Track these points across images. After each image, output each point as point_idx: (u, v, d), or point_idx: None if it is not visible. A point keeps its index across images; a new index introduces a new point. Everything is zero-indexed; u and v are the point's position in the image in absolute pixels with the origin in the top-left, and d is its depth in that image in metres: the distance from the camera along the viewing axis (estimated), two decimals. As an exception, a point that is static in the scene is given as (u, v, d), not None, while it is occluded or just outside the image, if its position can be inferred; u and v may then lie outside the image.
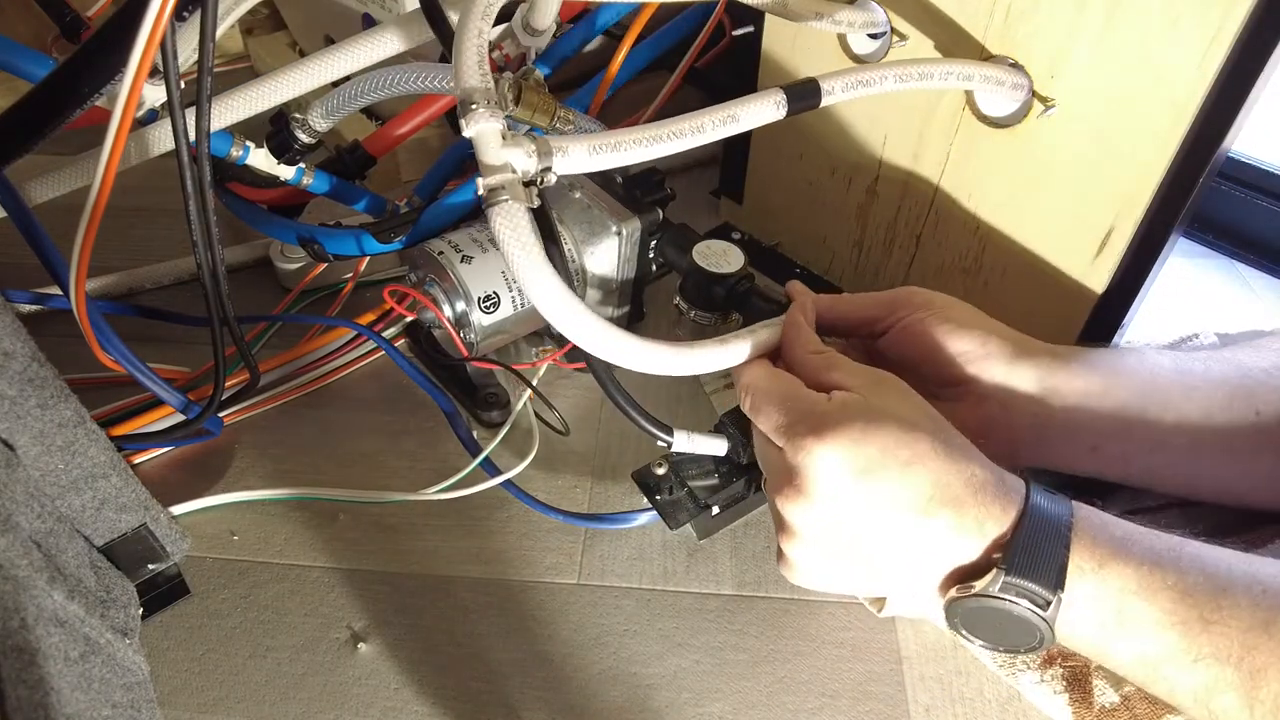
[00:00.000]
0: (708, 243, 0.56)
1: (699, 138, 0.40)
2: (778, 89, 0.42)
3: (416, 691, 0.45)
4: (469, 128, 0.35)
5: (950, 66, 0.46)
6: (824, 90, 0.43)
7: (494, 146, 0.36)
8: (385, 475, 0.56)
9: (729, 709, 0.45)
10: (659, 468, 0.49)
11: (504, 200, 0.35)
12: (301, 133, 0.56)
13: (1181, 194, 0.45)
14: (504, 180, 0.35)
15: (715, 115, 0.41)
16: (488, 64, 0.36)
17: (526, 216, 0.35)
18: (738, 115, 0.41)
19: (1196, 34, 0.41)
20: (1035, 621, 0.34)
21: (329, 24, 0.84)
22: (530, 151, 0.36)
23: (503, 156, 0.35)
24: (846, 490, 0.35)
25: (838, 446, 0.35)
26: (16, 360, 0.39)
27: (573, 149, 0.37)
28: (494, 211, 0.35)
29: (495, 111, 0.35)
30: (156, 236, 0.74)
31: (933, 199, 0.57)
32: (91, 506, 0.45)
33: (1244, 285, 0.71)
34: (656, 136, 0.39)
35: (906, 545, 0.36)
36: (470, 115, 0.35)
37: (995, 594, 0.34)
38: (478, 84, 0.35)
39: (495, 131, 0.36)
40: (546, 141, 0.37)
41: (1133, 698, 0.40)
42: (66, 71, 0.42)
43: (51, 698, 0.34)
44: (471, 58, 0.36)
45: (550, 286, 0.36)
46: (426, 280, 0.56)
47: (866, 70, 0.45)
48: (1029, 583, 0.33)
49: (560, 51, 0.64)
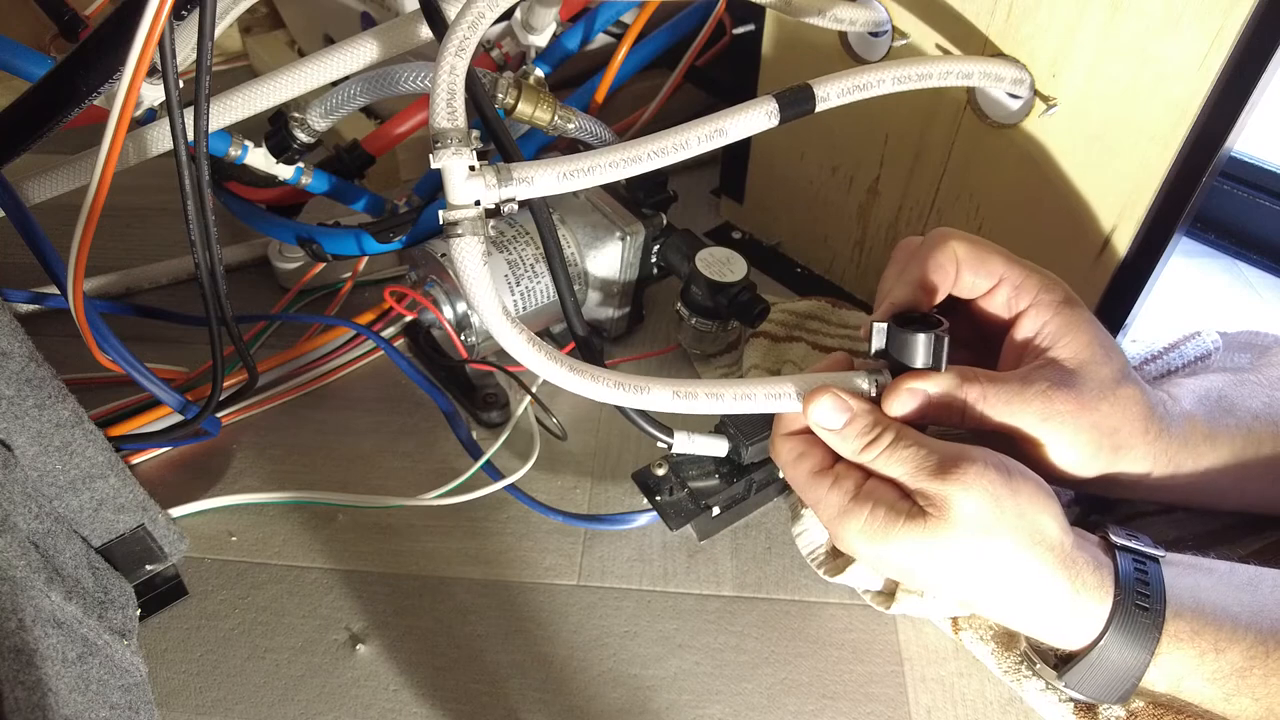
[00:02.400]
0: (711, 250, 0.56)
1: (683, 153, 0.39)
2: (769, 96, 0.41)
3: (415, 693, 0.45)
4: (436, 161, 0.37)
5: (950, 65, 0.46)
6: (818, 96, 0.42)
7: (459, 182, 0.37)
8: (384, 475, 0.56)
9: (729, 711, 0.44)
10: (659, 468, 0.49)
11: (459, 235, 0.38)
12: (300, 132, 0.56)
13: (1184, 194, 0.45)
14: (461, 216, 0.38)
15: (701, 130, 0.39)
16: (460, 101, 0.37)
17: (479, 251, 0.38)
18: (726, 129, 0.40)
19: (1198, 33, 0.41)
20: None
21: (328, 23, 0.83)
22: (491, 183, 0.38)
23: (466, 192, 0.38)
24: (993, 517, 0.36)
25: (989, 477, 0.36)
26: (14, 360, 0.39)
27: (538, 176, 0.38)
28: (453, 244, 0.38)
29: (460, 149, 0.37)
30: (154, 236, 0.74)
31: (934, 198, 0.57)
32: (89, 507, 0.45)
33: (1246, 285, 0.71)
34: (635, 156, 0.39)
35: (1017, 580, 0.37)
36: (437, 151, 0.37)
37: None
38: (447, 125, 0.37)
39: (462, 166, 0.37)
40: (509, 170, 0.38)
41: (1140, 713, 0.40)
42: (64, 70, 0.42)
43: (49, 699, 0.34)
44: (443, 97, 0.37)
45: (500, 322, 0.39)
46: (427, 280, 0.56)
47: (863, 73, 0.43)
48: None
49: (560, 50, 0.64)
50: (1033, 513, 0.36)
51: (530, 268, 0.55)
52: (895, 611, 0.47)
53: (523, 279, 0.55)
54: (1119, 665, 0.37)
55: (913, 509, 0.37)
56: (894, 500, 0.38)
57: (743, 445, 0.46)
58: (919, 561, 0.37)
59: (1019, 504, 0.36)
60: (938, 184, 0.56)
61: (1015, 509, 0.36)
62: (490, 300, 0.39)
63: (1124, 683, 0.37)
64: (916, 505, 0.37)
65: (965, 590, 0.38)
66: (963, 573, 0.37)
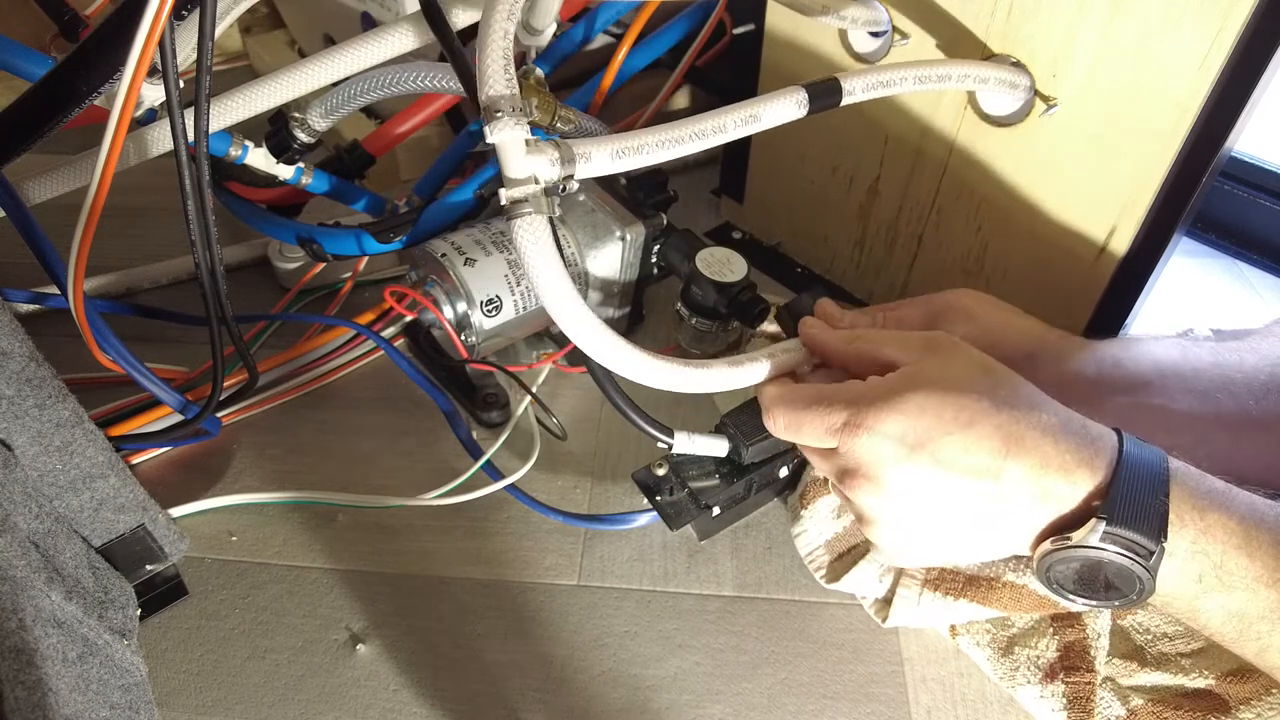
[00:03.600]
0: (711, 250, 0.56)
1: (721, 137, 0.40)
2: (799, 87, 0.42)
3: (415, 693, 0.45)
4: (493, 134, 0.34)
5: (967, 69, 0.46)
6: (845, 90, 0.43)
7: (518, 156, 0.35)
8: (384, 475, 0.56)
9: (729, 711, 0.44)
10: (659, 468, 0.49)
11: (527, 213, 0.35)
12: (300, 132, 0.56)
13: (1184, 194, 0.45)
14: (528, 193, 0.35)
15: (737, 114, 0.40)
16: (513, 69, 0.35)
17: (548, 230, 0.35)
18: (759, 114, 0.41)
19: (1198, 33, 0.41)
20: (1137, 572, 0.32)
21: (328, 23, 0.83)
22: (554, 159, 0.35)
23: (527, 167, 0.35)
24: (910, 467, 0.35)
25: (888, 426, 0.35)
26: (14, 360, 0.39)
27: (596, 154, 0.37)
28: (517, 224, 0.35)
29: (520, 119, 0.34)
30: (155, 236, 0.74)
31: (934, 198, 0.57)
32: (90, 507, 0.45)
33: (1246, 284, 0.71)
34: (679, 137, 0.39)
35: (987, 507, 0.35)
36: (495, 122, 0.34)
37: (1095, 545, 0.32)
38: (503, 91, 0.34)
39: (520, 140, 0.35)
40: (569, 147, 0.36)
41: (1139, 711, 0.40)
42: (65, 70, 0.42)
43: (49, 698, 0.34)
44: (498, 62, 0.34)
45: (571, 306, 0.36)
46: (427, 281, 0.56)
47: (887, 70, 0.44)
48: (1131, 533, 0.32)
49: (560, 50, 0.64)
50: (956, 430, 0.34)
51: (530, 268, 0.55)
52: (892, 624, 0.47)
53: (523, 278, 0.55)
54: (1144, 476, 0.33)
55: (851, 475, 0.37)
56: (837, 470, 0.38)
57: (743, 445, 0.46)
58: (891, 518, 0.37)
59: (934, 430, 0.35)
60: (938, 184, 0.56)
61: (926, 436, 0.35)
62: (563, 288, 0.36)
63: (1156, 492, 0.33)
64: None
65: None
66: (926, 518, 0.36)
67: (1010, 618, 0.46)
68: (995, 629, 0.46)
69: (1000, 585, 0.44)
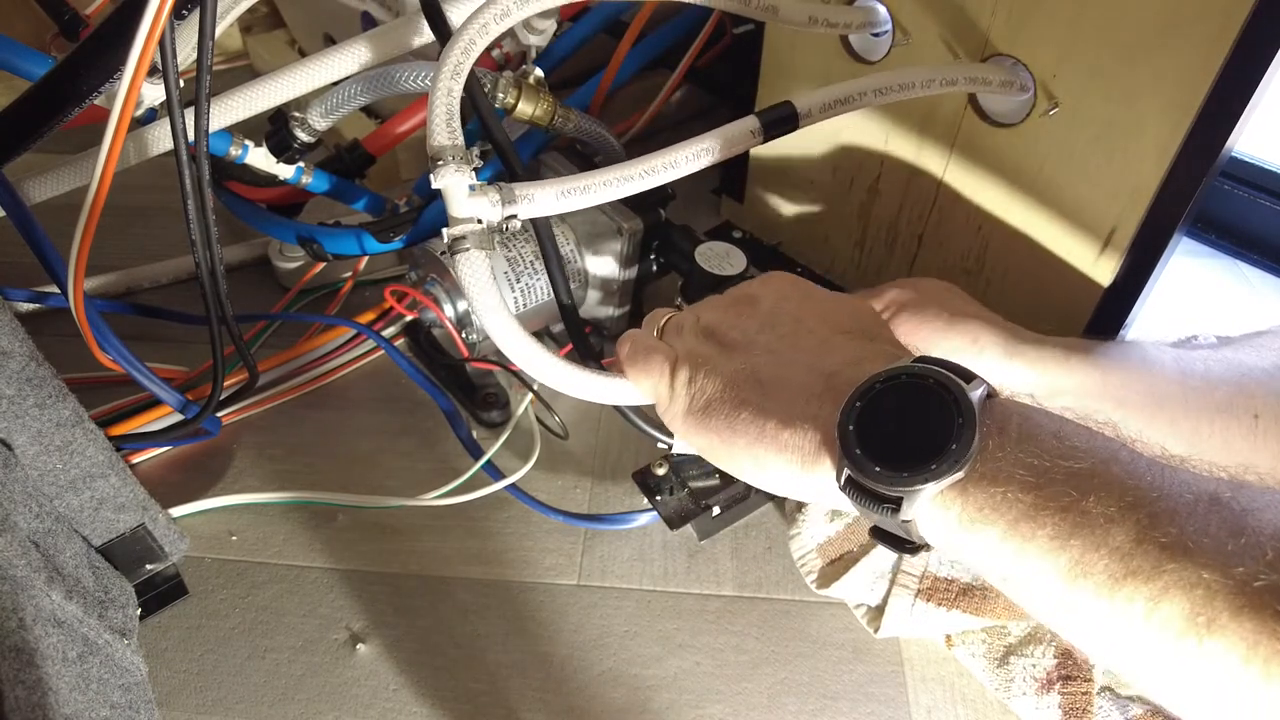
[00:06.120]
0: (710, 244, 0.56)
1: (673, 173, 0.40)
2: (752, 116, 0.42)
3: (415, 693, 0.45)
4: (437, 180, 0.37)
5: (932, 73, 0.45)
6: (800, 113, 0.43)
7: (460, 199, 0.38)
8: (384, 475, 0.56)
9: (729, 710, 0.44)
10: (659, 468, 0.49)
11: (467, 249, 0.38)
12: (300, 131, 0.56)
13: (1184, 194, 0.45)
14: (468, 230, 0.38)
15: (688, 150, 0.40)
16: (458, 121, 0.38)
17: (487, 264, 0.38)
18: (713, 148, 0.41)
19: (1199, 33, 0.41)
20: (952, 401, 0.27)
21: (328, 23, 0.83)
22: (495, 201, 0.38)
23: (470, 208, 0.38)
24: (791, 297, 0.36)
25: (785, 277, 0.38)
26: (14, 359, 0.39)
27: (539, 195, 0.39)
28: (459, 259, 0.38)
29: (462, 166, 0.37)
30: (155, 235, 0.74)
31: (935, 198, 0.57)
32: (90, 506, 0.45)
33: (1247, 285, 0.71)
34: (629, 175, 0.39)
35: (821, 350, 0.33)
36: (439, 170, 0.37)
37: (907, 369, 0.28)
38: (446, 141, 0.38)
39: (462, 185, 0.38)
40: (511, 190, 0.38)
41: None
42: (65, 70, 0.42)
43: (49, 698, 0.34)
44: (442, 116, 0.38)
45: (508, 330, 0.38)
46: (428, 279, 0.56)
47: (842, 88, 0.44)
48: (942, 369, 0.28)
49: (560, 50, 0.64)
50: (827, 296, 0.37)
51: (530, 265, 0.55)
52: (885, 635, 0.47)
53: (523, 275, 0.55)
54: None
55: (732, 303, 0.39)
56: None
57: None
58: (748, 335, 0.35)
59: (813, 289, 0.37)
60: (938, 184, 0.56)
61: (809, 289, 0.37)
62: (501, 318, 0.38)
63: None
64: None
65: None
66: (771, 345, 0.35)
67: (1006, 625, 0.46)
68: (991, 638, 0.45)
69: (994, 595, 0.44)
